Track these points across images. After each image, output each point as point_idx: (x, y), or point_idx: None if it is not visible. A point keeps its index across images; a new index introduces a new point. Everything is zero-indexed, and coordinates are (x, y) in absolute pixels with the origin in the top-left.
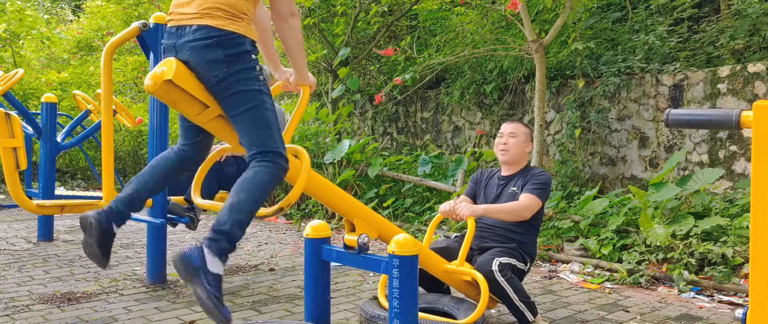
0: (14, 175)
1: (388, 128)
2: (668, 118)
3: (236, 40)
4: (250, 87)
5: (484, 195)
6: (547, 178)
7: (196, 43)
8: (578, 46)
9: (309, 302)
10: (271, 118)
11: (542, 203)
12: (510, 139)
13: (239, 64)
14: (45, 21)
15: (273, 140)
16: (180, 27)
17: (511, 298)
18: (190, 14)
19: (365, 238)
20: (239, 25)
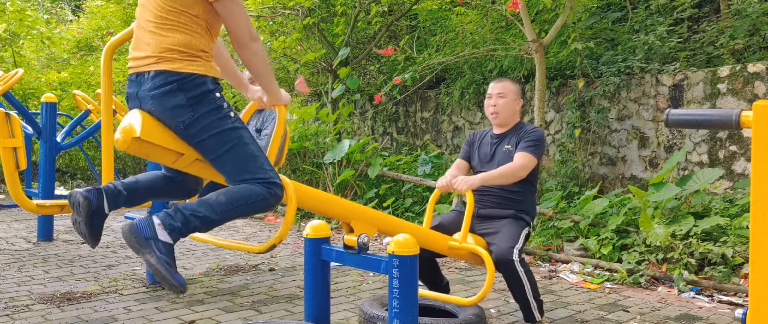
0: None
1: (388, 128)
2: (668, 118)
3: (196, 81)
4: (222, 127)
5: (479, 156)
6: (539, 134)
7: (156, 92)
8: (578, 46)
9: (309, 302)
10: (254, 150)
11: (537, 160)
12: (499, 100)
13: (204, 105)
14: (45, 21)
15: (263, 171)
16: (139, 74)
17: (526, 292)
18: (146, 59)
19: (365, 238)
20: (198, 65)
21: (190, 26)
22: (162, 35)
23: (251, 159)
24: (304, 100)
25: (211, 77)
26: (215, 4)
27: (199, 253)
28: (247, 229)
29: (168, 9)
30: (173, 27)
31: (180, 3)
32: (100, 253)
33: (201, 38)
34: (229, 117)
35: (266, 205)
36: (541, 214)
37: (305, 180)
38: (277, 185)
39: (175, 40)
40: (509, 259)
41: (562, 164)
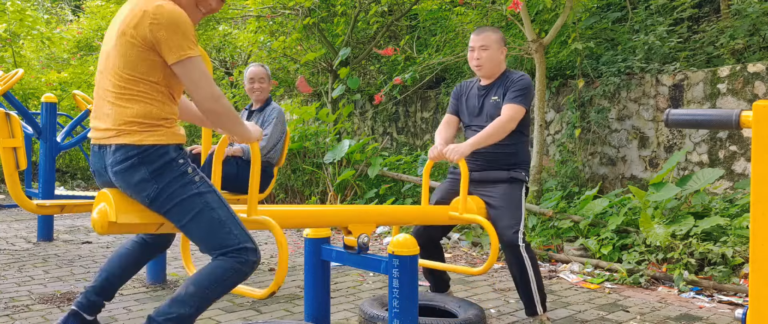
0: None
1: (388, 128)
2: (668, 118)
3: (158, 152)
4: (187, 194)
5: (467, 109)
6: (526, 81)
7: (118, 168)
8: (578, 46)
9: (309, 302)
10: (222, 214)
11: (526, 109)
12: (482, 53)
13: (167, 175)
14: (45, 21)
15: (232, 237)
16: (101, 146)
17: (530, 282)
18: (106, 132)
19: (365, 237)
20: (159, 134)
21: (150, 94)
22: (121, 106)
23: (217, 225)
24: (304, 100)
25: (175, 145)
26: (174, 67)
27: (199, 253)
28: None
29: (127, 78)
30: (132, 97)
31: (139, 71)
32: (100, 253)
33: (162, 106)
34: (194, 182)
35: (241, 277)
36: (541, 214)
37: (305, 180)
38: (247, 250)
39: (134, 112)
40: (515, 245)
41: (562, 164)
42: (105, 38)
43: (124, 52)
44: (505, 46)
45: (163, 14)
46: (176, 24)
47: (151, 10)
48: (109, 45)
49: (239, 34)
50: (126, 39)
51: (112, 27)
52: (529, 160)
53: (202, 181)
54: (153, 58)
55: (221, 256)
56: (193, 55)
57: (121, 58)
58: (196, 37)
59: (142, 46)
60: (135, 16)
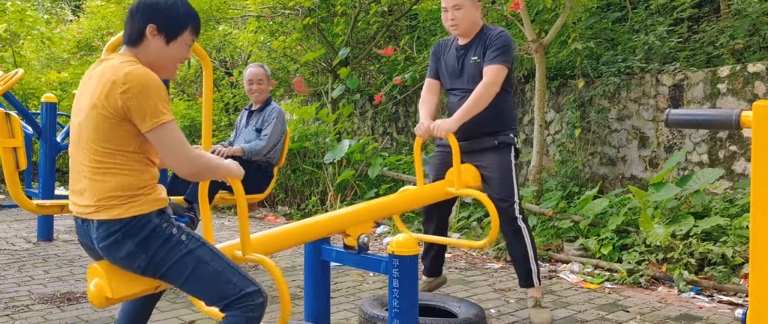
0: (14, 175)
1: (388, 128)
2: (668, 118)
3: (140, 223)
4: (177, 256)
5: (447, 70)
6: (505, 38)
7: (103, 244)
8: (578, 46)
9: (309, 302)
10: (217, 266)
11: (508, 67)
12: (456, 12)
13: (154, 243)
14: (45, 21)
15: (231, 287)
16: (83, 220)
17: (528, 253)
18: (86, 207)
19: (365, 238)
20: (140, 205)
21: (127, 165)
22: (99, 181)
23: (215, 278)
24: (304, 100)
25: (157, 210)
26: (148, 134)
27: None
28: None
29: (102, 152)
30: (109, 170)
31: (114, 143)
32: None
33: (140, 174)
34: (181, 242)
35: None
36: (541, 214)
37: (305, 180)
38: (250, 295)
39: (112, 186)
40: (512, 218)
41: (562, 164)
42: (74, 109)
43: (97, 125)
44: (478, 1)
45: (132, 81)
46: (147, 90)
47: (120, 79)
48: (80, 117)
49: (239, 34)
50: (97, 111)
51: (81, 98)
52: (514, 118)
53: (189, 237)
54: (127, 127)
55: (227, 308)
56: (166, 121)
57: (94, 131)
58: (168, 99)
59: (115, 116)
60: (104, 87)
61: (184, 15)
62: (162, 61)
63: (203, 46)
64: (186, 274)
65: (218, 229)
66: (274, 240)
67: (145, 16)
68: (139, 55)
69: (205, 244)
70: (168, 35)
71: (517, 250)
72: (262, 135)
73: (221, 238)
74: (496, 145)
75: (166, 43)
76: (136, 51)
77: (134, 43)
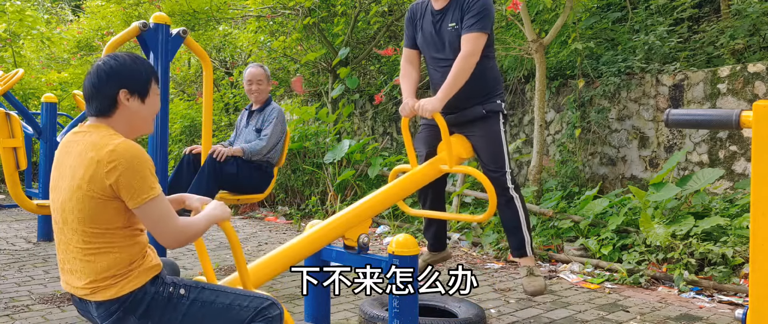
0: (14, 175)
1: (388, 128)
2: (668, 118)
3: (138, 297)
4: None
5: (423, 36)
6: (483, 2)
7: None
8: (578, 46)
9: (309, 302)
10: (223, 300)
11: (487, 33)
12: None
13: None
14: (45, 21)
15: (244, 311)
16: (81, 299)
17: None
18: (81, 289)
19: (365, 238)
20: (135, 279)
21: (117, 242)
22: (91, 262)
23: (227, 311)
24: (304, 100)
25: (151, 278)
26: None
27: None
28: (247, 229)
29: (91, 233)
30: (99, 250)
31: (101, 223)
32: None
33: (130, 249)
34: (182, 297)
35: None
36: (541, 214)
37: (305, 180)
38: (266, 308)
39: (105, 266)
40: (504, 187)
41: (562, 164)
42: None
43: (83, 207)
44: None
45: (119, 158)
46: (134, 166)
47: (104, 158)
48: (63, 196)
49: (239, 34)
50: (82, 193)
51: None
52: (500, 83)
53: (187, 289)
54: (115, 205)
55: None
56: (154, 196)
57: (80, 213)
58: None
59: (101, 196)
60: (88, 167)
61: (146, 70)
62: (143, 120)
63: (203, 46)
64: (198, 321)
65: (218, 229)
66: (271, 266)
67: (115, 84)
68: (114, 124)
69: (205, 286)
70: (141, 93)
71: (510, 219)
72: (262, 135)
73: (221, 238)
74: (485, 114)
75: (141, 102)
76: (110, 121)
77: (106, 113)
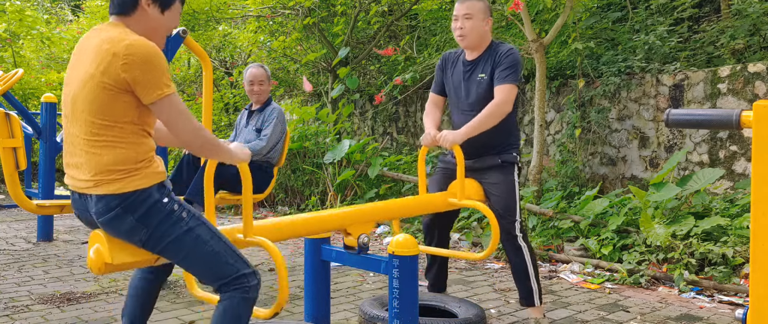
0: (14, 175)
1: (388, 128)
2: (668, 118)
3: (141, 198)
4: (177, 233)
5: (453, 85)
6: (515, 57)
7: (103, 218)
8: (578, 45)
9: (309, 302)
10: (216, 246)
11: (517, 86)
12: (466, 22)
13: (154, 218)
14: (45, 21)
15: (228, 267)
16: (81, 194)
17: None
18: (84, 182)
19: (365, 238)
20: (139, 178)
21: (126, 137)
22: (97, 155)
23: (213, 257)
24: (304, 100)
25: (157, 184)
26: (151, 106)
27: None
28: None
29: (99, 124)
30: (107, 143)
31: (112, 115)
32: None
33: (138, 147)
34: (182, 220)
35: (251, 304)
36: (541, 214)
37: (305, 180)
38: (246, 276)
39: (111, 159)
40: (513, 236)
41: (562, 164)
42: (67, 79)
43: (94, 97)
44: (490, 16)
45: (135, 53)
46: (151, 62)
47: (121, 52)
48: (74, 88)
49: (239, 34)
50: (95, 83)
51: (75, 70)
52: (518, 137)
53: (190, 215)
54: (126, 99)
55: (223, 288)
56: (170, 93)
57: (91, 104)
58: (169, 70)
59: (115, 88)
60: (103, 59)
61: None
62: (157, 31)
63: (203, 46)
64: (185, 251)
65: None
66: (275, 229)
67: None
68: (131, 24)
69: (206, 223)
70: (162, 4)
71: (519, 267)
72: (262, 135)
73: None
74: (500, 164)
75: (161, 12)
76: (128, 21)
77: (126, 12)
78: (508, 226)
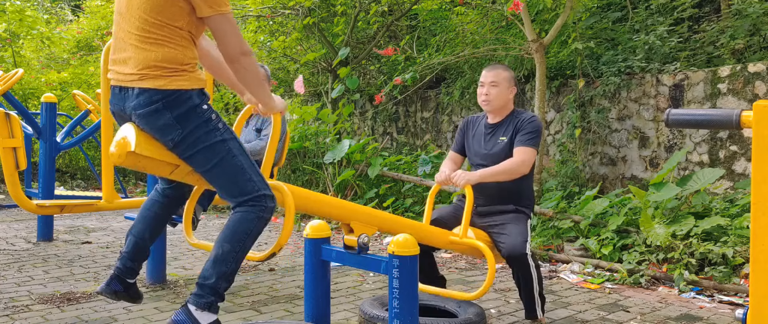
0: (14, 175)
1: (388, 128)
2: (668, 118)
3: (182, 98)
4: (211, 140)
5: (473, 147)
6: (537, 124)
7: (141, 111)
8: (578, 45)
9: (309, 302)
10: (243, 161)
11: (536, 151)
12: (492, 89)
13: (192, 121)
14: (45, 21)
15: (252, 184)
16: (123, 88)
17: (534, 288)
18: (129, 75)
19: (365, 238)
20: (182, 80)
21: (174, 39)
22: (145, 50)
23: (240, 172)
24: (304, 100)
25: (197, 90)
26: (207, 20)
27: (199, 253)
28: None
29: (151, 22)
30: (156, 41)
31: (164, 16)
32: (100, 253)
33: (185, 50)
34: (218, 129)
35: (264, 223)
36: (541, 214)
37: (305, 180)
38: (266, 197)
39: (158, 56)
40: (522, 254)
41: (562, 164)
42: None
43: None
44: (515, 85)
45: None
46: None
47: None
48: None
49: None
50: None
51: None
52: (533, 200)
53: (225, 127)
54: (182, 5)
55: (242, 204)
56: (228, 11)
57: (147, 2)
58: None
59: None
60: None
61: None
62: None
63: None
64: (214, 161)
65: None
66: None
67: None
68: None
69: (237, 139)
70: None
71: (524, 283)
72: (262, 135)
73: None
74: (513, 210)
75: None
76: None
77: None
78: (520, 247)
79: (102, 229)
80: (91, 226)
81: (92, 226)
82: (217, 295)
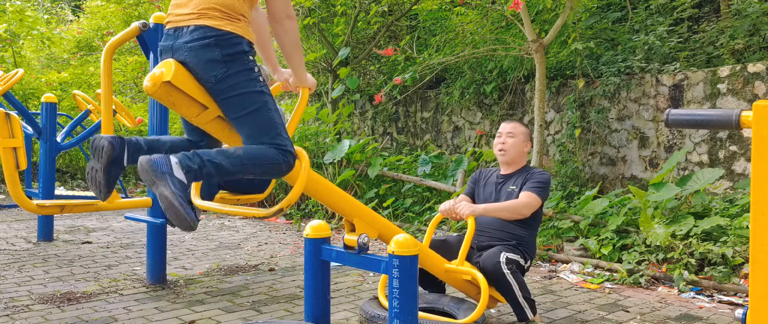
0: (14, 175)
1: (388, 128)
2: (668, 118)
3: (234, 40)
4: (251, 89)
5: (483, 194)
6: (546, 177)
7: (193, 44)
8: (578, 46)
9: (309, 302)
10: (276, 117)
11: (542, 202)
12: (508, 139)
13: (237, 64)
14: (45, 21)
15: (279, 137)
16: (177, 28)
17: (515, 293)
18: (187, 15)
19: (365, 238)
20: (237, 26)
21: None
22: None
23: (271, 125)
24: None
25: (248, 40)
26: None
27: (199, 253)
28: (247, 229)
29: None
30: None
31: None
32: (100, 253)
33: (242, 3)
34: (259, 81)
35: (278, 171)
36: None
37: None
38: (291, 154)
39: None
40: (495, 261)
41: (562, 164)
42: None
43: None
44: (529, 140)
45: None
46: None
47: None
48: None
49: None
50: None
51: None
52: (534, 251)
53: (264, 83)
54: None
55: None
56: None
57: None
58: None
59: None
60: None
61: None
62: None
63: None
64: (250, 109)
65: (218, 228)
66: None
67: None
68: None
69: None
70: None
71: (505, 291)
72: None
73: (221, 238)
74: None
75: None
76: None
77: None
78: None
79: (102, 229)
80: (92, 226)
81: (92, 226)
82: (201, 168)
